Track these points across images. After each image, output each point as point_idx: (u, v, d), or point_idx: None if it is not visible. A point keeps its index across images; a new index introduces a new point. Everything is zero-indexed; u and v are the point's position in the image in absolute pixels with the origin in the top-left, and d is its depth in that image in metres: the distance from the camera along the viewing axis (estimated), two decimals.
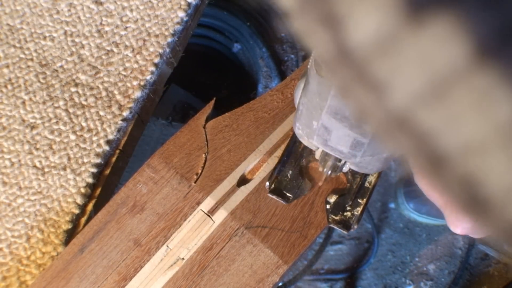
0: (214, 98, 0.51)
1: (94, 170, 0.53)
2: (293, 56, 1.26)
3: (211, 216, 0.47)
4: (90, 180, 0.52)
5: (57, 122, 0.55)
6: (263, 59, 1.23)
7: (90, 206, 0.52)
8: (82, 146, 0.54)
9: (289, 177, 0.47)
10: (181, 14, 0.58)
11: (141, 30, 0.58)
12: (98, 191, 0.53)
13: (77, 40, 0.58)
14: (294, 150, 0.47)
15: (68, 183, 0.52)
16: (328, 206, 0.47)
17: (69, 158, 0.53)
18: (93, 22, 0.58)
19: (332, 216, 0.46)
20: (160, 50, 0.57)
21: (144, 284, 0.45)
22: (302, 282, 1.20)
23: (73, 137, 0.54)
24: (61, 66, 0.57)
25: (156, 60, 0.56)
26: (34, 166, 0.53)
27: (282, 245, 0.46)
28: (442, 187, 0.14)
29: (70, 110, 0.55)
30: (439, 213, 0.36)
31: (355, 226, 0.46)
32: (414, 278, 1.21)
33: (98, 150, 0.53)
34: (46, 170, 0.53)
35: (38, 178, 0.53)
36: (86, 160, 0.53)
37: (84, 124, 0.55)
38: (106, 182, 0.53)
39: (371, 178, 0.47)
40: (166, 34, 0.57)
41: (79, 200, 0.52)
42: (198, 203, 0.47)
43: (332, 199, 0.47)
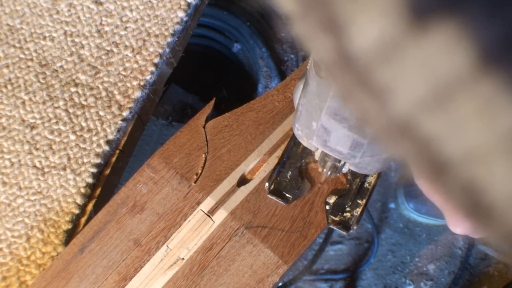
0: (214, 98, 0.51)
1: (94, 170, 0.53)
2: (293, 56, 1.26)
3: (211, 216, 0.47)
4: (90, 180, 0.52)
5: (57, 122, 0.55)
6: (263, 59, 1.23)
7: (90, 206, 0.52)
8: (82, 146, 0.54)
9: (288, 178, 0.47)
10: (181, 14, 0.58)
11: (141, 30, 0.58)
12: (98, 191, 0.53)
13: (77, 40, 0.58)
14: (294, 151, 0.47)
15: (68, 183, 0.52)
16: (327, 207, 0.47)
17: (69, 158, 0.53)
18: (93, 22, 0.58)
19: (331, 216, 0.46)
20: (160, 50, 0.56)
21: (144, 284, 0.45)
22: (302, 282, 1.20)
23: (73, 137, 0.54)
24: (61, 66, 0.57)
25: (156, 60, 0.56)
26: (34, 166, 0.53)
27: (282, 245, 0.46)
28: (444, 193, 0.14)
29: (70, 110, 0.55)
30: (439, 213, 0.36)
31: (355, 227, 0.46)
32: (414, 278, 1.21)
33: (98, 150, 0.53)
34: (46, 170, 0.53)
35: (38, 178, 0.53)
36: (86, 160, 0.53)
37: (84, 124, 0.54)
38: (106, 182, 0.53)
39: (371, 179, 0.47)
40: (166, 34, 0.57)
41: (79, 200, 0.52)
42: (198, 203, 0.47)
43: (331, 200, 0.47)
